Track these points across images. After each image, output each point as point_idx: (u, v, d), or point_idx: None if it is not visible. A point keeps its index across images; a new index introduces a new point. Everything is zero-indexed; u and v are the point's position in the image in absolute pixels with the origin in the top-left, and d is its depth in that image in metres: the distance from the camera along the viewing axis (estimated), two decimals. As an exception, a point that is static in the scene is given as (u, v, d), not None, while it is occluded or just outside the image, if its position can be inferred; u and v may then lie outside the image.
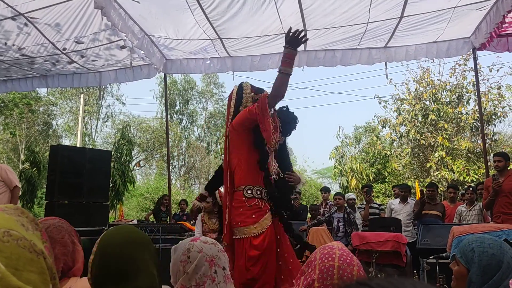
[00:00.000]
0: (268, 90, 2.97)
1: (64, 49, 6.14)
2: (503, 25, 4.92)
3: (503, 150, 11.65)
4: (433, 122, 14.21)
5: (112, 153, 13.50)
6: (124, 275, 1.32)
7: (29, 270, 0.70)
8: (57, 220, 1.77)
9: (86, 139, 25.20)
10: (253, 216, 2.86)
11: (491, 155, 6.29)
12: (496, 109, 13.81)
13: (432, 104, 14.43)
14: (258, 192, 2.93)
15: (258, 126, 2.82)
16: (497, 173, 5.10)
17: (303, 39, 2.84)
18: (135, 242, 1.39)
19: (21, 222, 0.76)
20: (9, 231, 0.71)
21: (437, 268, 4.34)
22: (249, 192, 2.92)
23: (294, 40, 2.82)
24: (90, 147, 22.68)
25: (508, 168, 5.07)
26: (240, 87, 3.15)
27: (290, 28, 2.83)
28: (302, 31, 2.83)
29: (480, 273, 1.57)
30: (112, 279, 1.33)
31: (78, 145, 17.93)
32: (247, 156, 2.96)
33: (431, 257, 4.61)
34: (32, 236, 0.75)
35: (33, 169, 14.13)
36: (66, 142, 25.76)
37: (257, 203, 2.89)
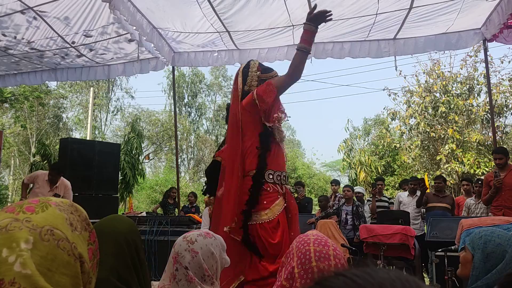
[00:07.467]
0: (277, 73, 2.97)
1: (73, 42, 6.17)
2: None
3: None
4: (444, 115, 14.07)
5: (122, 146, 13.61)
6: None
7: (61, 273, 0.70)
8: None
9: (96, 132, 25.38)
10: (264, 202, 2.77)
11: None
12: (508, 101, 13.63)
13: (443, 96, 14.28)
14: (271, 177, 2.83)
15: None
16: (498, 169, 5.23)
17: (327, 19, 2.78)
18: (101, 233, 1.37)
19: (70, 221, 0.75)
20: (53, 229, 0.71)
21: (446, 261, 4.31)
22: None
23: (316, 18, 2.76)
24: (100, 140, 22.84)
25: (510, 163, 5.20)
26: (247, 65, 3.04)
27: (315, 6, 2.78)
28: (329, 11, 2.77)
29: (483, 259, 1.62)
30: None
31: (88, 138, 18.06)
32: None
33: (439, 250, 4.59)
34: (77, 238, 0.75)
35: (44, 162, 14.27)
36: (76, 135, 25.99)
37: (268, 188, 2.80)
